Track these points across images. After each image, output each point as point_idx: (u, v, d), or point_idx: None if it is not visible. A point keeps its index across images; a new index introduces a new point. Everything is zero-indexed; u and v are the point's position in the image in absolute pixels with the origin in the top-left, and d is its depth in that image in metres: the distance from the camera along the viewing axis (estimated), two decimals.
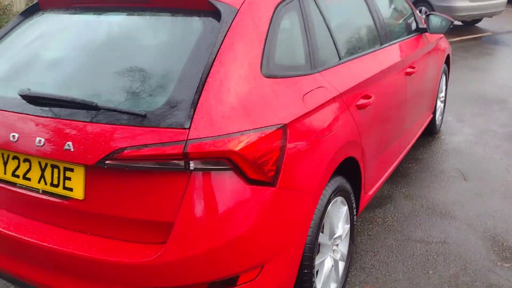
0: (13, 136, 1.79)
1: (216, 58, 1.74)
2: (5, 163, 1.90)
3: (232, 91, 1.73)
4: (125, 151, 1.61)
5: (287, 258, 1.88)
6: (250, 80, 1.81)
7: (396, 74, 3.03)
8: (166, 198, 1.66)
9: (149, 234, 1.71)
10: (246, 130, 1.68)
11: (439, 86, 4.43)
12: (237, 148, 1.64)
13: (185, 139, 1.60)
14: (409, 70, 3.23)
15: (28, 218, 1.91)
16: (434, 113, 4.47)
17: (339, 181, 2.23)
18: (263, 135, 1.73)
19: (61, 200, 1.79)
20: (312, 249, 2.01)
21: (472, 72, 7.24)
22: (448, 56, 4.66)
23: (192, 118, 1.62)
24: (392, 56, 3.06)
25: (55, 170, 1.79)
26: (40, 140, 1.73)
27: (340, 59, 2.45)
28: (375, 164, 2.77)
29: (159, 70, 1.82)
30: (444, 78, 4.69)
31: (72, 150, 1.68)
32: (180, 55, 1.80)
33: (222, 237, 1.66)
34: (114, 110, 1.68)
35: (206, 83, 1.69)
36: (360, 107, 2.41)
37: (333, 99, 2.19)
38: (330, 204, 2.17)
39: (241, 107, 1.73)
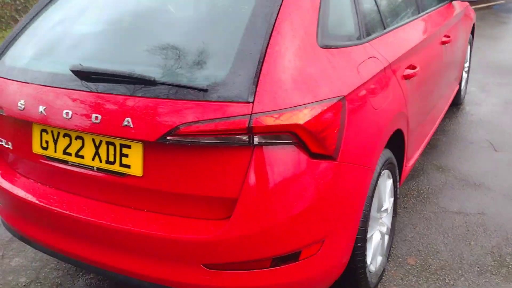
0: (67, 113, 1.74)
1: (274, 29, 1.68)
2: (55, 141, 1.86)
3: (292, 63, 1.67)
4: (187, 127, 1.57)
5: (345, 233, 1.86)
6: (308, 50, 1.75)
7: (435, 43, 2.97)
8: (229, 174, 1.62)
9: (211, 210, 1.68)
10: (309, 103, 1.63)
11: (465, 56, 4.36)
12: (301, 122, 1.59)
13: (250, 113, 1.55)
14: (444, 39, 3.16)
15: (82, 196, 1.88)
16: (460, 83, 4.41)
17: (387, 154, 2.19)
18: (325, 107, 1.68)
19: (117, 177, 1.75)
20: (366, 223, 1.99)
21: (490, 41, 7.13)
22: (473, 25, 4.57)
23: (255, 92, 1.57)
24: (430, 25, 2.99)
25: (111, 147, 1.74)
26: (96, 116, 1.68)
27: (385, 28, 2.38)
28: (415, 135, 2.73)
29: (216, 42, 1.76)
30: (469, 47, 4.61)
31: (131, 126, 1.63)
32: (236, 26, 1.73)
33: (286, 211, 1.64)
34: (173, 85, 1.62)
35: (266, 55, 1.63)
36: (406, 77, 2.35)
37: (384, 70, 2.13)
38: (380, 178, 2.14)
39: (302, 79, 1.68)
